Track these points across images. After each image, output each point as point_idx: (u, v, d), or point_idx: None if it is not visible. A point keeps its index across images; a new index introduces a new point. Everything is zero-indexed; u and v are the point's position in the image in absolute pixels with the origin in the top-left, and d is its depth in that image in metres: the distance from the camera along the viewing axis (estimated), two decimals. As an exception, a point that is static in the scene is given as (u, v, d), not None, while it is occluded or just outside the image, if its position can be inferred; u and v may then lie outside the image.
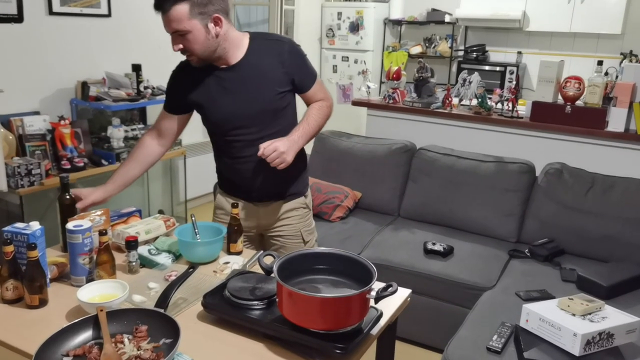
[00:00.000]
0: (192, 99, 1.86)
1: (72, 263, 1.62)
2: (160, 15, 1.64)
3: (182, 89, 1.87)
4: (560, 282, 2.49)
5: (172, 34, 1.67)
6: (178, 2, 1.60)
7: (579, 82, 3.05)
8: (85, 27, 3.55)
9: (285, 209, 1.98)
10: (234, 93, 1.79)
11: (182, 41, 1.67)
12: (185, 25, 1.63)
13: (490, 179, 3.01)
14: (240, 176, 1.92)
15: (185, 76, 1.87)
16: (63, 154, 3.22)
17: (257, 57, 1.79)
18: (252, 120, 1.81)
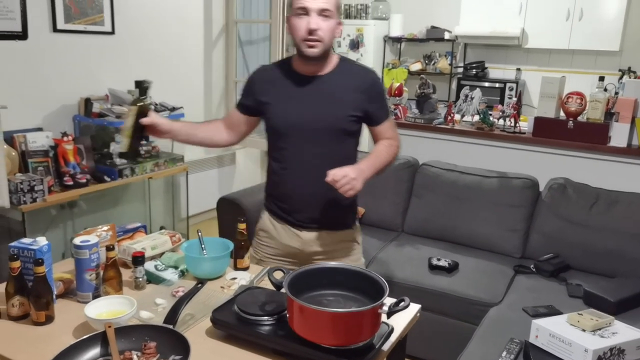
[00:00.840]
0: (266, 96, 1.82)
1: (78, 279, 1.60)
2: None
3: (259, 87, 1.85)
4: (567, 297, 2.48)
5: (316, 13, 1.66)
6: None
7: (581, 97, 3.07)
8: (89, 44, 3.57)
9: (330, 240, 1.88)
10: (309, 101, 1.77)
11: (320, 23, 1.66)
12: (331, 8, 1.67)
13: (493, 195, 3.01)
14: (289, 191, 1.86)
15: (267, 76, 1.85)
16: (65, 170, 3.20)
17: (342, 76, 1.79)
18: (318, 133, 1.77)
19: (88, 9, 3.50)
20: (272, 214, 1.95)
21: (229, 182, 4.92)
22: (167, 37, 4.12)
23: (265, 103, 1.82)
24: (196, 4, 4.38)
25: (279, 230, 1.92)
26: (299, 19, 1.67)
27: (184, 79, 4.35)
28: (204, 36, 4.50)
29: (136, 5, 3.84)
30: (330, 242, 1.89)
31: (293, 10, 1.69)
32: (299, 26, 1.67)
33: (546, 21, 5.22)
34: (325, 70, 1.78)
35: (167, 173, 3.76)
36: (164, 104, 3.76)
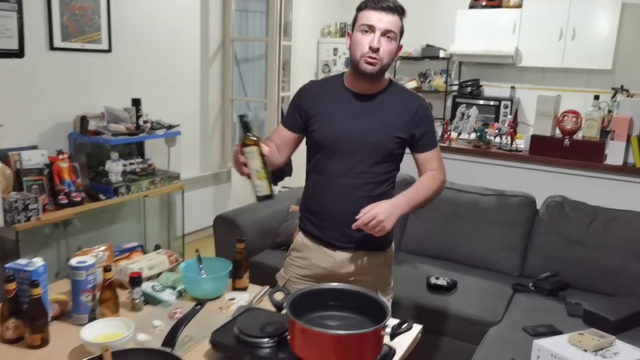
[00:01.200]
0: (315, 109, 1.80)
1: (74, 301, 1.57)
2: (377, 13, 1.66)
3: (308, 100, 1.82)
4: (567, 316, 2.46)
5: (381, 33, 1.66)
6: (400, 14, 1.71)
7: (576, 116, 3.09)
8: (86, 62, 3.57)
9: (362, 263, 1.83)
10: (357, 118, 1.76)
11: (383, 43, 1.67)
12: (396, 31, 1.69)
13: (491, 213, 3.00)
14: (326, 206, 1.81)
15: (316, 90, 1.84)
16: (60, 188, 3.18)
17: (392, 97, 1.79)
18: (363, 149, 1.74)
19: (85, 27, 3.51)
20: (306, 233, 1.89)
21: (224, 200, 4.89)
22: (163, 55, 4.13)
23: (313, 115, 1.80)
24: (193, 22, 4.40)
25: (312, 249, 1.86)
26: (363, 35, 1.67)
27: (181, 96, 4.35)
28: (201, 54, 4.51)
29: (133, 24, 3.85)
30: (363, 265, 1.83)
31: (358, 26, 1.70)
32: (362, 42, 1.67)
33: (539, 40, 5.28)
34: (375, 90, 1.78)
35: (163, 191, 3.73)
36: (160, 121, 3.75)
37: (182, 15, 4.28)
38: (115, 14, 3.69)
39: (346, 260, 1.82)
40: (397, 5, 1.69)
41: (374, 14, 1.66)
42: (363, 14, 1.68)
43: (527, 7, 5.32)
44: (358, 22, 1.70)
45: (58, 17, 3.33)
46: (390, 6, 1.66)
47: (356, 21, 1.71)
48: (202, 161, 4.69)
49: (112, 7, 3.65)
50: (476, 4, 5.59)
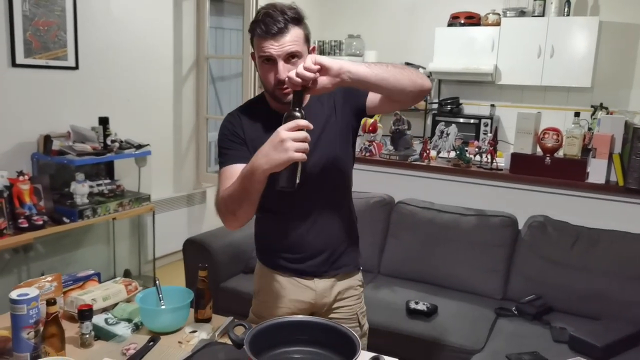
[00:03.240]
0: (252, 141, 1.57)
1: (15, 338, 1.42)
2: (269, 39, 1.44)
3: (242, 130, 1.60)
4: (552, 342, 2.35)
5: (283, 59, 1.45)
6: (296, 25, 1.47)
7: (557, 133, 3.03)
8: (51, 80, 3.42)
9: (341, 287, 1.72)
10: None
11: (290, 68, 1.44)
12: (300, 48, 1.47)
13: (472, 234, 2.91)
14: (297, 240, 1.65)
15: (243, 121, 1.61)
16: (21, 211, 3.01)
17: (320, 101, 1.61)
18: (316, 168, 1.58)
19: (50, 43, 3.37)
20: (273, 268, 1.71)
21: (198, 222, 4.74)
22: (134, 72, 4.00)
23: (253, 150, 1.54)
24: (166, 40, 4.28)
25: (286, 286, 1.69)
26: (266, 67, 1.48)
27: (153, 115, 4.22)
28: (174, 72, 4.39)
29: (102, 40, 3.73)
30: (343, 289, 1.73)
31: (257, 54, 1.50)
32: (267, 75, 1.49)
33: (518, 58, 5.27)
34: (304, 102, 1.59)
35: (132, 213, 3.58)
36: (130, 141, 3.61)
37: (155, 32, 4.17)
38: (83, 30, 3.56)
39: (327, 288, 1.70)
40: (289, 19, 1.45)
41: (268, 42, 1.44)
42: (257, 42, 1.47)
43: (506, 25, 5.31)
44: (255, 48, 1.50)
45: (21, 33, 3.19)
46: (281, 27, 1.44)
47: (254, 48, 1.52)
48: (176, 182, 4.54)
49: (79, 23, 3.53)
50: (454, 22, 5.57)
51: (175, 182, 4.54)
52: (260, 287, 1.76)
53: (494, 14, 5.43)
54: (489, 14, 5.45)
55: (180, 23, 4.39)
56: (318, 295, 1.69)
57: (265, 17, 1.45)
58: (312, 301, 1.69)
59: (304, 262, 1.67)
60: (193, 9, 4.52)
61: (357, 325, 1.76)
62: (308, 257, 1.67)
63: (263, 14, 1.46)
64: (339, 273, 1.71)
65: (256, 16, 1.49)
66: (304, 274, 1.68)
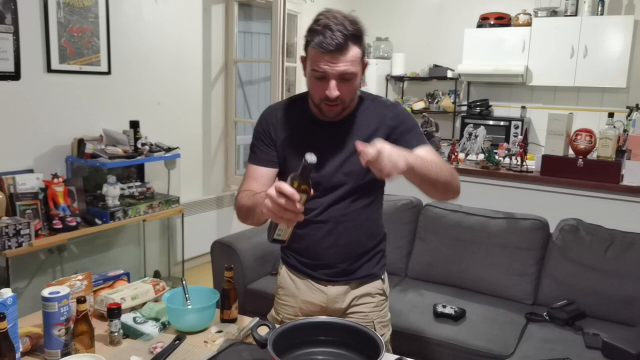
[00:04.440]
0: (283, 142, 1.58)
1: (46, 334, 1.46)
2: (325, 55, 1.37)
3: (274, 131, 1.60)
4: (584, 349, 2.29)
5: (336, 78, 1.41)
6: (356, 43, 1.39)
7: (590, 134, 2.96)
8: (84, 85, 3.51)
9: (357, 293, 1.68)
10: (330, 148, 1.55)
11: (341, 88, 1.42)
12: (356, 69, 1.42)
13: (501, 237, 2.86)
14: (312, 244, 1.64)
15: (279, 117, 1.61)
16: (55, 213, 3.09)
17: (365, 116, 1.57)
18: (340, 182, 1.56)
19: (84, 49, 3.46)
20: (291, 268, 1.73)
21: (227, 224, 4.78)
22: (164, 76, 4.08)
23: (282, 149, 1.60)
24: (195, 44, 4.35)
25: (300, 286, 1.70)
26: (316, 81, 1.44)
27: (182, 118, 4.28)
28: (203, 76, 4.45)
29: (133, 45, 3.81)
30: (358, 296, 1.68)
31: (309, 68, 1.44)
32: (317, 88, 1.45)
33: (550, 59, 5.17)
34: (345, 113, 1.55)
35: (161, 215, 3.63)
36: (160, 144, 3.67)
37: (184, 37, 4.24)
38: (115, 35, 3.64)
39: (340, 294, 1.67)
40: (349, 35, 1.37)
41: (323, 58, 1.37)
42: (312, 53, 1.41)
43: (537, 26, 5.22)
44: (309, 59, 1.44)
45: (56, 39, 3.29)
46: (341, 42, 1.35)
47: (307, 56, 1.45)
48: (205, 184, 4.60)
49: (112, 29, 3.61)
50: (484, 23, 5.51)
51: (204, 184, 4.59)
52: (279, 283, 1.78)
53: (524, 14, 5.35)
54: (520, 14, 5.37)
55: (209, 28, 4.45)
56: (330, 300, 1.67)
57: (324, 30, 1.36)
58: (324, 305, 1.68)
59: (316, 270, 1.67)
60: (222, 14, 4.58)
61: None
62: (321, 267, 1.66)
63: (323, 25, 1.37)
64: (353, 281, 1.68)
65: (315, 22, 1.41)
66: (317, 279, 1.68)
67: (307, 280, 1.69)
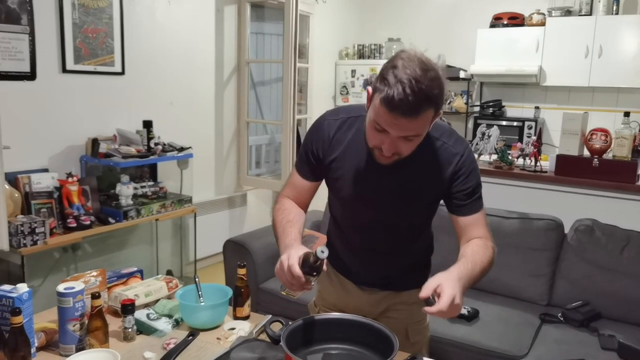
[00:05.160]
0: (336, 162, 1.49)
1: (61, 330, 1.47)
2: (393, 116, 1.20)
3: (326, 144, 1.49)
4: (600, 350, 2.27)
5: (398, 138, 1.26)
6: (432, 106, 1.22)
7: (606, 134, 2.92)
8: (98, 85, 3.54)
9: (390, 301, 1.65)
10: (384, 190, 1.45)
11: (400, 146, 1.28)
12: (423, 131, 1.28)
13: (515, 237, 2.83)
14: (350, 259, 1.63)
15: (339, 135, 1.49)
16: (69, 211, 3.12)
17: (427, 156, 1.41)
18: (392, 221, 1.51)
19: (98, 49, 3.49)
20: (334, 266, 1.70)
21: (239, 224, 4.79)
22: (177, 76, 4.10)
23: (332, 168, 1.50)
24: (208, 45, 4.37)
25: (340, 283, 1.68)
26: (374, 132, 1.29)
27: (195, 119, 4.30)
28: (215, 76, 4.47)
29: (147, 46, 3.83)
30: (395, 302, 1.64)
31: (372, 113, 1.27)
32: (373, 137, 1.31)
33: (564, 59, 5.12)
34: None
35: (174, 215, 3.65)
36: (172, 144, 3.69)
37: (197, 38, 4.26)
38: (129, 36, 3.67)
39: (376, 300, 1.65)
40: (427, 99, 1.18)
41: (391, 117, 1.20)
42: (380, 107, 1.21)
43: (551, 25, 5.18)
44: (373, 105, 1.26)
45: (71, 40, 3.32)
46: (416, 110, 1.18)
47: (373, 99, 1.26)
48: (217, 184, 4.61)
49: (126, 30, 3.64)
50: (497, 23, 5.47)
51: (216, 184, 4.61)
52: (322, 276, 1.69)
53: (538, 13, 5.31)
54: (534, 14, 5.33)
55: (221, 29, 4.47)
56: (364, 303, 1.65)
57: (403, 90, 1.16)
58: (359, 307, 1.64)
59: (358, 277, 1.65)
60: (234, 15, 4.59)
61: (405, 339, 1.64)
62: (355, 275, 1.65)
63: (401, 85, 1.17)
64: (393, 289, 1.64)
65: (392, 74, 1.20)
66: (359, 282, 1.66)
67: (347, 280, 1.67)
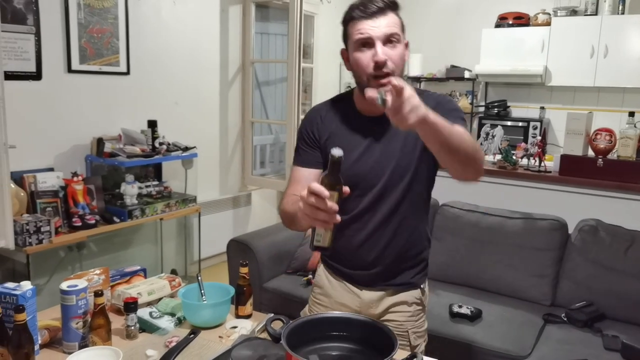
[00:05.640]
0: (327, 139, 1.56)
1: (64, 327, 1.48)
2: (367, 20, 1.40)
3: (321, 131, 1.58)
4: (603, 350, 2.26)
5: (382, 41, 1.40)
6: (394, 11, 1.44)
7: (610, 134, 2.92)
8: (103, 85, 3.56)
9: (393, 300, 1.64)
10: (377, 146, 1.52)
11: (389, 52, 1.40)
12: (398, 31, 1.42)
13: (518, 237, 2.83)
14: (352, 247, 1.60)
15: (324, 118, 1.59)
16: (74, 210, 3.14)
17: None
18: (386, 181, 1.52)
19: (104, 49, 3.51)
20: (328, 268, 1.72)
21: (244, 224, 4.81)
22: (182, 76, 4.12)
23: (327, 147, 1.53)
24: (213, 45, 4.39)
25: (336, 287, 1.68)
26: (361, 52, 1.42)
27: (199, 118, 4.32)
28: (220, 76, 4.49)
29: (152, 46, 3.85)
30: (394, 302, 1.64)
31: (352, 43, 1.44)
32: (364, 61, 1.41)
33: (570, 59, 5.10)
34: None
35: (178, 214, 3.67)
36: (177, 143, 3.71)
37: (202, 38, 4.27)
38: (134, 37, 3.69)
39: (375, 300, 1.64)
40: (388, 2, 1.42)
41: (366, 23, 1.40)
42: (353, 27, 1.43)
43: (556, 25, 5.16)
44: (351, 37, 1.45)
45: (76, 40, 3.34)
46: (382, 6, 1.40)
47: (348, 37, 1.46)
48: (222, 184, 4.63)
49: (131, 30, 3.66)
50: (502, 23, 5.46)
51: (221, 184, 4.63)
52: (316, 282, 1.75)
53: (544, 13, 5.29)
54: (539, 13, 5.31)
55: (226, 29, 4.49)
56: (364, 304, 1.64)
57: (361, 2, 1.42)
58: (357, 308, 1.64)
59: (354, 270, 1.64)
60: (239, 15, 4.61)
61: (407, 344, 1.65)
62: (358, 267, 1.62)
63: (358, 2, 1.43)
64: (390, 288, 1.64)
65: (351, 4, 1.45)
66: (353, 281, 1.65)
67: (343, 282, 1.67)
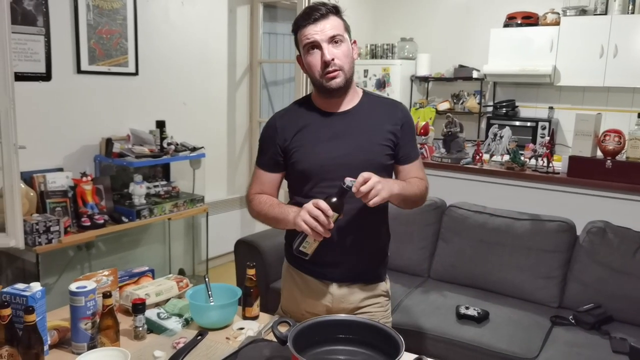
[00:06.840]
0: (291, 141, 1.65)
1: (73, 328, 1.50)
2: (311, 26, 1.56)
3: (281, 134, 1.67)
4: (611, 353, 2.25)
5: (327, 42, 1.55)
6: (336, 14, 1.60)
7: (619, 135, 2.90)
8: (112, 85, 3.59)
9: (364, 295, 1.71)
10: (339, 139, 1.62)
11: (334, 52, 1.56)
12: (341, 32, 1.58)
13: (526, 238, 2.82)
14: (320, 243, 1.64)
15: (286, 121, 1.69)
16: (84, 210, 3.16)
17: (369, 109, 1.67)
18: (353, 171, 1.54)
19: (112, 50, 3.54)
20: (296, 266, 1.76)
21: (251, 224, 4.81)
22: (190, 77, 4.14)
23: (291, 148, 1.65)
24: (221, 45, 4.40)
25: (306, 284, 1.72)
26: (311, 55, 1.57)
27: (207, 119, 4.34)
28: (228, 76, 4.50)
29: (160, 47, 3.87)
30: (363, 297, 1.71)
31: (302, 48, 1.60)
32: (314, 62, 1.57)
33: (579, 58, 5.07)
34: (350, 105, 1.66)
35: (186, 214, 3.69)
36: (185, 144, 3.73)
37: (210, 39, 4.29)
38: (143, 37, 3.71)
39: (346, 295, 1.69)
40: (328, 7, 1.57)
41: (312, 28, 1.55)
42: (301, 34, 1.58)
43: (565, 25, 5.13)
44: (300, 43, 1.60)
45: (85, 41, 3.37)
46: (324, 12, 1.56)
47: (299, 43, 1.61)
48: (229, 184, 4.65)
49: (140, 31, 3.68)
50: (511, 23, 5.43)
51: (228, 184, 4.64)
52: (284, 282, 1.82)
53: (552, 13, 5.26)
54: (548, 13, 5.28)
55: (234, 29, 4.50)
56: (335, 300, 1.68)
57: (306, 9, 1.58)
58: (329, 304, 1.68)
59: (323, 268, 1.68)
60: (247, 15, 4.62)
61: None
62: (328, 264, 1.66)
63: (304, 9, 1.59)
64: (358, 283, 1.70)
65: (298, 14, 1.61)
66: (323, 277, 1.69)
67: (312, 278, 1.70)
